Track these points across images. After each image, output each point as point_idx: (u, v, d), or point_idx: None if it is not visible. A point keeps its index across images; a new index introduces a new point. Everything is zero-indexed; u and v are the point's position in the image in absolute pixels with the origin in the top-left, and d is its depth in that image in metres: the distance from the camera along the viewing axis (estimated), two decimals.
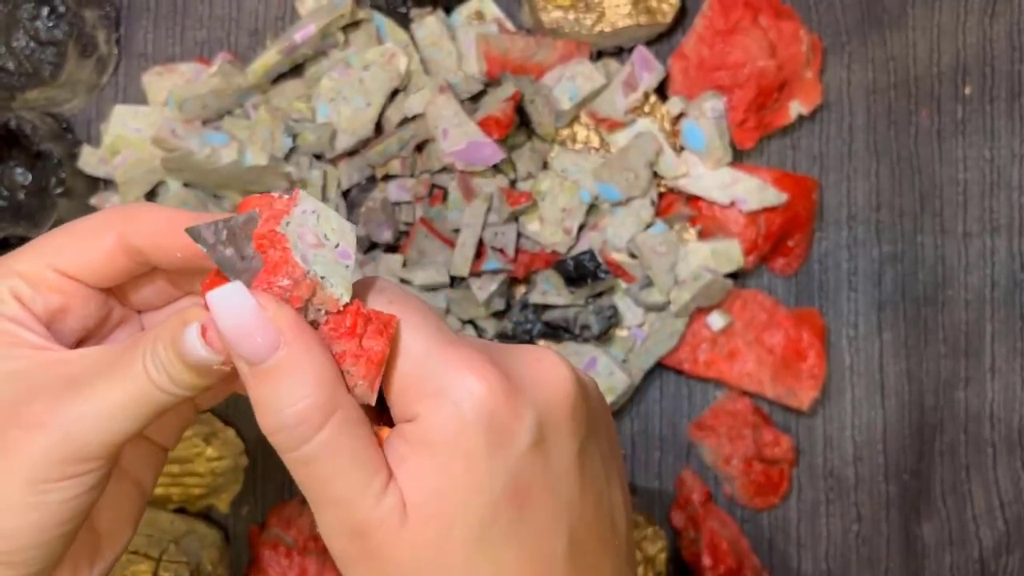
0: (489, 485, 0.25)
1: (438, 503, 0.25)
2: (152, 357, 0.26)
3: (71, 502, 0.26)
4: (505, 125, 0.48)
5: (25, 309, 0.28)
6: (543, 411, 0.26)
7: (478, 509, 0.25)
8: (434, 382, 0.26)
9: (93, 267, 0.28)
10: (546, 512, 0.26)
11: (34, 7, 0.49)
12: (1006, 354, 0.52)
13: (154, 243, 0.28)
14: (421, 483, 0.25)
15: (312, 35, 0.48)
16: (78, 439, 0.26)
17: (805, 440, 0.53)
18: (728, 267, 0.50)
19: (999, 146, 0.53)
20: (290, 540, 0.50)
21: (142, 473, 0.32)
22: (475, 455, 0.25)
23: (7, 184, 0.50)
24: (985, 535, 0.52)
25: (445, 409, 0.25)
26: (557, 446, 0.27)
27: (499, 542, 0.26)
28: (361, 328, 0.25)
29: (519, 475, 0.26)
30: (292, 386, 0.24)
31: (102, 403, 0.26)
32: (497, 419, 0.25)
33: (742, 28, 0.50)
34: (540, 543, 0.26)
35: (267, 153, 0.48)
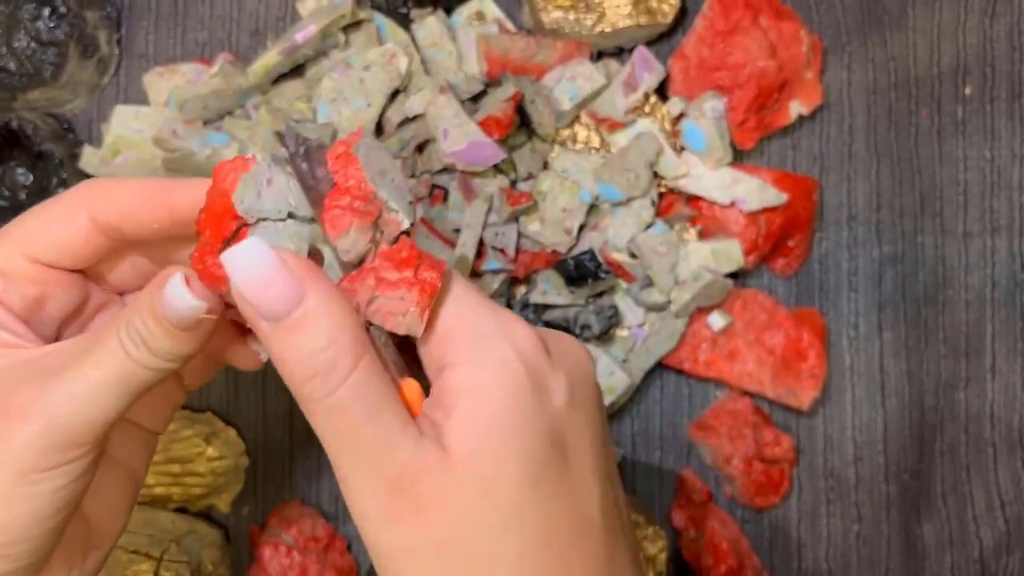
0: (536, 432, 0.25)
1: (488, 446, 0.25)
2: (128, 331, 0.26)
3: (61, 491, 0.26)
4: (505, 125, 0.48)
5: (2, 307, 0.27)
6: (573, 378, 0.27)
7: (527, 453, 0.25)
8: (480, 328, 0.26)
9: (68, 249, 0.28)
10: (583, 472, 0.27)
11: (35, 8, 0.49)
12: (1006, 354, 0.52)
13: (129, 218, 0.28)
14: (471, 428, 0.25)
15: (313, 35, 0.48)
16: (63, 424, 0.25)
17: (805, 440, 0.53)
18: (728, 267, 0.50)
19: (999, 146, 0.53)
20: (291, 540, 0.50)
21: (132, 459, 0.31)
22: (522, 396, 0.25)
23: (8, 184, 0.50)
24: (985, 535, 0.52)
25: (492, 352, 0.25)
26: (587, 409, 0.27)
27: (547, 489, 0.25)
28: (417, 260, 0.26)
29: (559, 427, 0.26)
30: (320, 332, 0.24)
31: (83, 385, 0.26)
32: (539, 370, 0.26)
33: (742, 28, 0.50)
34: (580, 502, 0.26)
35: (268, 153, 0.48)
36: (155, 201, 0.27)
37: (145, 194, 0.28)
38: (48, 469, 0.26)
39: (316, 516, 0.51)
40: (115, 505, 0.31)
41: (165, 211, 0.27)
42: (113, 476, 0.31)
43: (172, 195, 0.28)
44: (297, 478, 0.52)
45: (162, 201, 0.27)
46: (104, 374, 0.26)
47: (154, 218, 0.28)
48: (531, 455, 0.25)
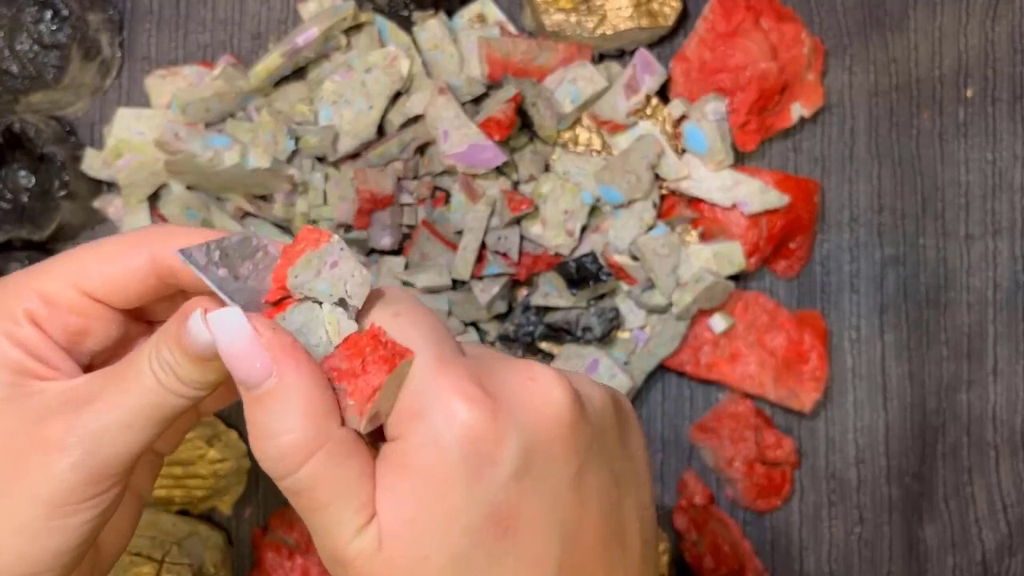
0: (466, 514, 0.25)
1: (412, 531, 0.25)
2: (157, 358, 0.26)
3: (89, 524, 0.26)
4: (506, 127, 0.48)
5: (40, 332, 0.27)
6: (531, 436, 0.25)
7: (454, 538, 0.25)
8: (419, 404, 0.25)
9: (120, 287, 0.28)
10: (534, 541, 0.26)
11: (38, 10, 0.49)
12: (1008, 356, 0.52)
13: (187, 272, 0.27)
14: (397, 510, 0.25)
15: (314, 38, 0.48)
16: (96, 456, 0.25)
17: (807, 442, 0.53)
18: (730, 269, 0.50)
19: (1001, 148, 0.53)
20: (292, 542, 0.50)
21: (139, 481, 0.32)
22: (452, 482, 0.25)
23: (10, 187, 0.50)
24: (988, 538, 0.52)
25: (425, 432, 0.25)
26: (548, 472, 0.26)
27: (479, 573, 0.25)
28: (370, 353, 0.25)
29: (501, 503, 0.25)
30: (280, 417, 0.24)
31: (117, 415, 0.26)
32: (479, 446, 0.25)
33: (743, 31, 0.50)
34: (528, 572, 0.26)
35: (270, 156, 0.48)
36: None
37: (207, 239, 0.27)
38: (80, 502, 0.26)
39: None
40: (122, 527, 0.31)
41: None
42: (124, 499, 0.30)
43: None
44: None
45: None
46: (137, 403, 0.26)
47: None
48: (457, 544, 0.25)
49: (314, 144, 0.49)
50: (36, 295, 0.27)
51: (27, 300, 0.27)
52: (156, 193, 0.51)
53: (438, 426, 0.25)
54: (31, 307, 0.27)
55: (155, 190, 0.51)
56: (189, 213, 0.50)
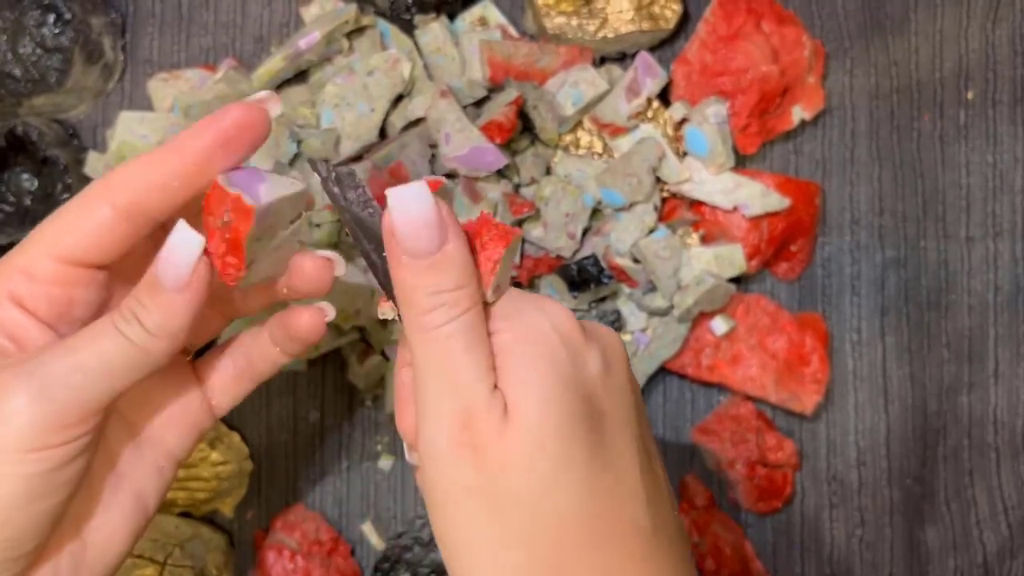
0: (575, 390, 0.27)
1: (534, 400, 0.27)
2: (121, 310, 0.27)
3: (47, 475, 0.26)
4: (508, 129, 0.48)
5: (23, 311, 0.28)
6: (606, 349, 0.29)
7: (570, 407, 0.27)
8: (513, 307, 0.28)
9: (93, 242, 0.28)
10: (621, 443, 0.28)
11: (41, 14, 0.49)
12: (1009, 358, 0.52)
13: (148, 190, 0.28)
14: (516, 384, 0.27)
15: (316, 41, 0.49)
16: (47, 400, 0.26)
17: (808, 445, 0.53)
18: (731, 272, 0.50)
19: (1002, 151, 0.53)
20: (294, 544, 0.50)
21: (144, 483, 0.31)
22: (559, 360, 0.27)
23: (14, 190, 0.51)
24: (989, 540, 0.52)
25: (528, 321, 0.28)
26: (621, 382, 0.29)
27: (589, 449, 0.27)
28: (487, 232, 0.29)
29: (595, 396, 0.28)
30: (453, 274, 0.27)
31: (67, 360, 0.26)
32: (572, 339, 0.28)
33: (745, 34, 0.50)
34: (621, 469, 0.28)
35: (272, 159, 0.49)
36: (165, 161, 0.28)
37: (153, 160, 0.28)
38: (33, 449, 0.26)
39: (320, 520, 0.51)
40: (117, 529, 0.30)
41: (177, 164, 0.28)
42: (118, 497, 0.30)
43: (180, 148, 0.28)
44: (301, 482, 0.52)
45: (171, 158, 0.28)
46: (90, 349, 0.26)
47: (171, 176, 0.28)
48: (572, 413, 0.27)
49: (316, 147, 0.49)
50: (16, 272, 0.28)
51: (7, 280, 0.28)
52: None
53: (539, 316, 0.28)
54: (12, 287, 0.28)
55: None
56: None
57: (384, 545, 0.51)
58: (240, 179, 0.28)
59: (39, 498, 0.26)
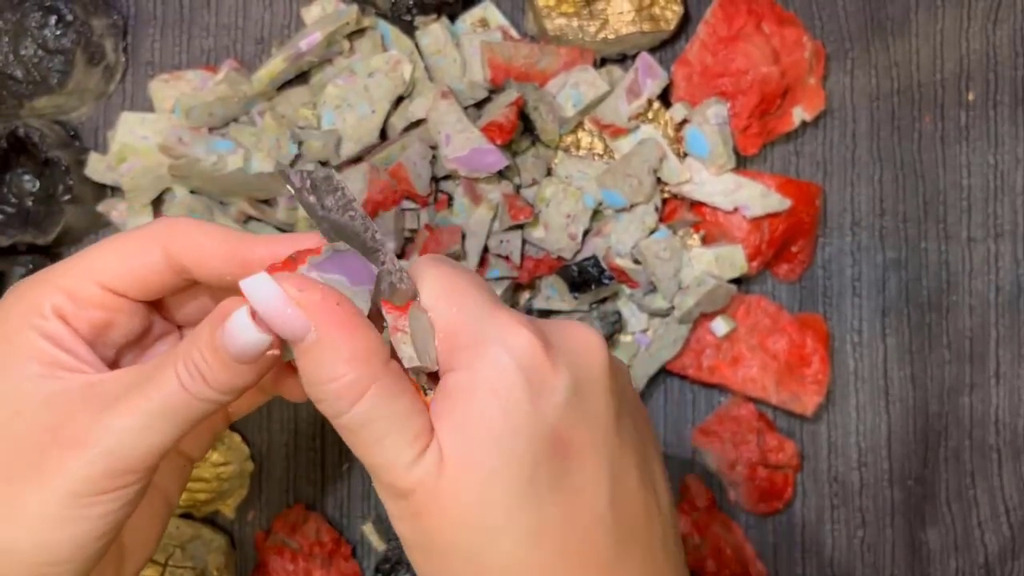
0: (530, 431, 0.26)
1: (477, 450, 0.25)
2: (185, 364, 0.26)
3: (110, 516, 0.27)
4: (508, 130, 0.48)
5: (67, 327, 0.28)
6: (579, 369, 0.27)
7: (520, 455, 0.25)
8: (477, 335, 0.26)
9: (138, 281, 0.29)
10: (588, 468, 0.27)
11: (42, 16, 0.49)
12: (1011, 359, 0.52)
13: (201, 263, 0.28)
14: (462, 435, 0.26)
15: (317, 43, 0.49)
16: (116, 454, 0.26)
17: (809, 446, 0.53)
18: (732, 273, 0.50)
19: (1003, 151, 0.53)
20: (295, 545, 0.50)
21: (168, 484, 0.32)
22: (516, 400, 0.26)
23: (15, 191, 0.51)
24: (990, 541, 0.52)
25: (487, 356, 0.26)
26: (595, 404, 0.27)
27: (543, 492, 0.26)
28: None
29: (558, 427, 0.26)
30: (325, 365, 0.25)
31: (138, 417, 0.26)
32: (536, 370, 0.26)
33: (745, 35, 0.50)
34: (585, 499, 0.27)
35: (273, 160, 0.49)
36: (231, 253, 0.28)
37: (222, 244, 0.28)
38: (99, 494, 0.26)
39: (321, 521, 0.51)
40: (149, 529, 0.31)
41: (238, 264, 0.28)
42: (150, 501, 0.31)
43: (249, 249, 0.28)
44: (302, 483, 0.52)
45: (238, 254, 0.28)
46: (159, 406, 0.26)
47: (226, 269, 0.28)
48: (523, 461, 0.25)
49: (317, 148, 0.49)
50: (60, 291, 0.28)
51: (53, 296, 0.28)
52: (160, 197, 0.51)
53: (499, 351, 0.26)
54: (57, 302, 0.28)
55: (159, 194, 0.51)
56: (193, 217, 0.50)
57: (385, 546, 0.52)
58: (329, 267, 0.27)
59: (103, 535, 0.27)
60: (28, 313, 0.28)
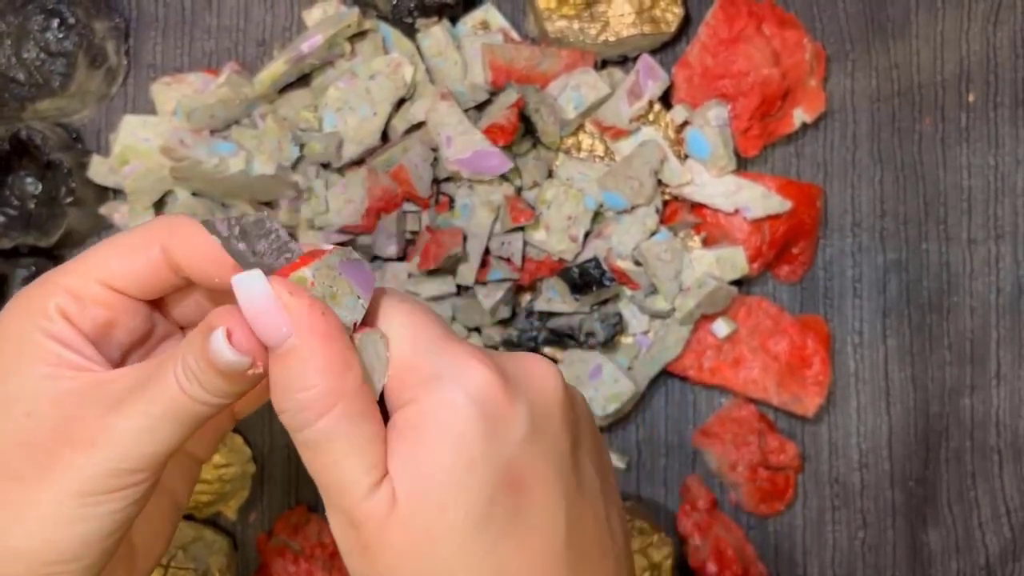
0: (484, 468, 0.25)
1: (429, 487, 0.25)
2: (183, 368, 0.27)
3: (117, 514, 0.27)
4: (509, 132, 0.48)
5: (72, 326, 0.28)
6: (535, 403, 0.27)
7: (473, 492, 0.25)
8: (430, 369, 0.26)
9: (139, 279, 0.29)
10: (544, 505, 0.26)
11: (44, 19, 0.49)
12: (1012, 361, 0.52)
13: (195, 265, 0.29)
14: (413, 468, 0.25)
15: (319, 45, 0.49)
16: (123, 455, 0.26)
17: (810, 447, 0.53)
18: (733, 274, 0.50)
19: (1003, 153, 0.53)
20: (297, 547, 0.50)
21: (177, 485, 0.32)
22: (470, 436, 0.25)
23: (17, 194, 0.51)
24: (991, 542, 0.52)
25: (440, 393, 0.26)
26: (551, 439, 0.27)
27: (497, 531, 0.25)
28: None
29: (514, 464, 0.26)
30: (298, 373, 0.25)
31: (143, 419, 0.26)
32: (491, 406, 0.26)
33: (746, 37, 0.51)
34: (540, 538, 0.26)
35: (274, 162, 0.49)
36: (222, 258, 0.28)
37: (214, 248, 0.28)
38: (107, 493, 0.27)
39: (322, 522, 0.51)
40: (158, 530, 0.32)
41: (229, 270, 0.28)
42: (158, 501, 0.32)
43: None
44: (303, 484, 0.52)
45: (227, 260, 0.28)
46: (162, 409, 0.27)
47: (217, 273, 0.28)
48: (476, 498, 0.25)
49: (319, 150, 0.49)
50: (64, 291, 0.28)
51: (56, 296, 0.28)
52: (162, 199, 0.51)
53: (454, 385, 0.26)
54: (61, 302, 0.28)
55: (161, 196, 0.51)
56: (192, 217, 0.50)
57: None
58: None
59: (111, 534, 0.27)
60: (34, 315, 0.28)
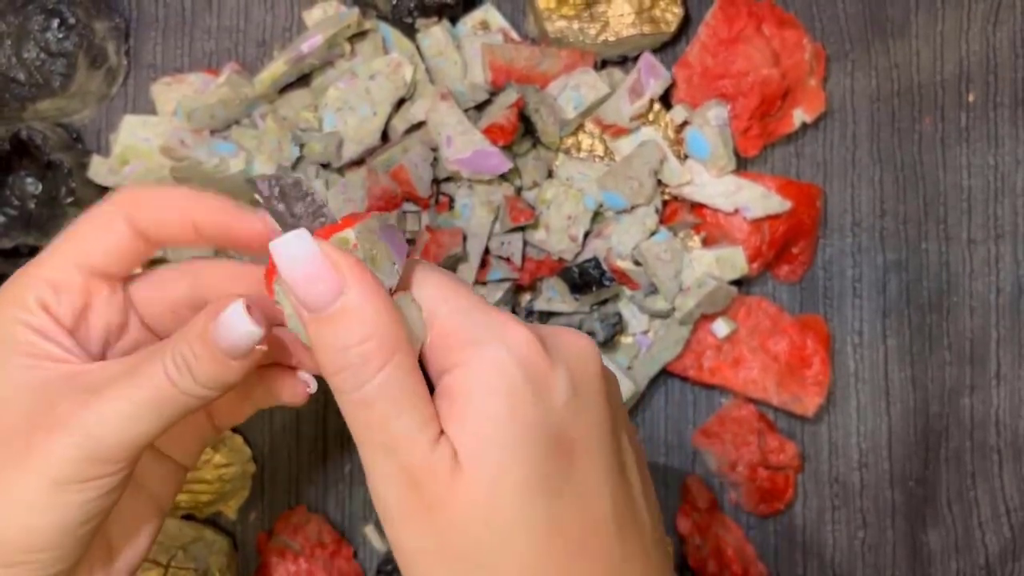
0: (537, 429, 0.25)
1: (489, 447, 0.25)
2: (173, 357, 0.27)
3: (91, 504, 0.27)
4: (509, 132, 0.48)
5: (51, 318, 0.29)
6: (575, 370, 0.27)
7: (530, 455, 0.25)
8: (470, 333, 0.26)
9: (114, 254, 0.29)
10: (591, 470, 0.27)
11: (45, 19, 0.49)
12: (1011, 361, 0.52)
13: (160, 225, 0.29)
14: (471, 431, 0.25)
15: (319, 45, 0.49)
16: (99, 440, 0.26)
17: (810, 447, 0.53)
18: (732, 274, 0.50)
19: (1003, 153, 0.53)
20: (297, 546, 0.50)
21: (159, 489, 0.32)
22: (520, 399, 0.25)
23: (18, 194, 0.51)
24: (991, 542, 0.52)
25: (486, 354, 0.26)
26: (593, 407, 0.27)
27: (552, 493, 0.26)
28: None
29: (562, 425, 0.26)
30: (355, 327, 0.25)
31: (122, 405, 0.26)
32: (535, 368, 0.26)
33: (745, 37, 0.51)
34: (589, 501, 0.26)
35: (274, 162, 0.49)
36: (183, 211, 0.29)
37: (175, 203, 0.29)
38: (81, 481, 0.26)
39: (323, 522, 0.51)
40: (138, 533, 0.32)
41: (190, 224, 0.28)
42: (139, 504, 0.32)
43: (198, 210, 0.29)
44: (304, 484, 0.52)
45: (188, 213, 0.29)
46: (144, 397, 0.27)
47: (180, 229, 0.29)
48: (533, 457, 0.25)
49: (319, 151, 0.49)
50: (42, 282, 0.29)
51: (35, 288, 0.29)
52: None
53: (498, 348, 0.26)
54: (39, 294, 0.28)
55: None
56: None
57: (387, 547, 0.52)
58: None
59: (83, 523, 0.27)
60: (14, 308, 0.28)
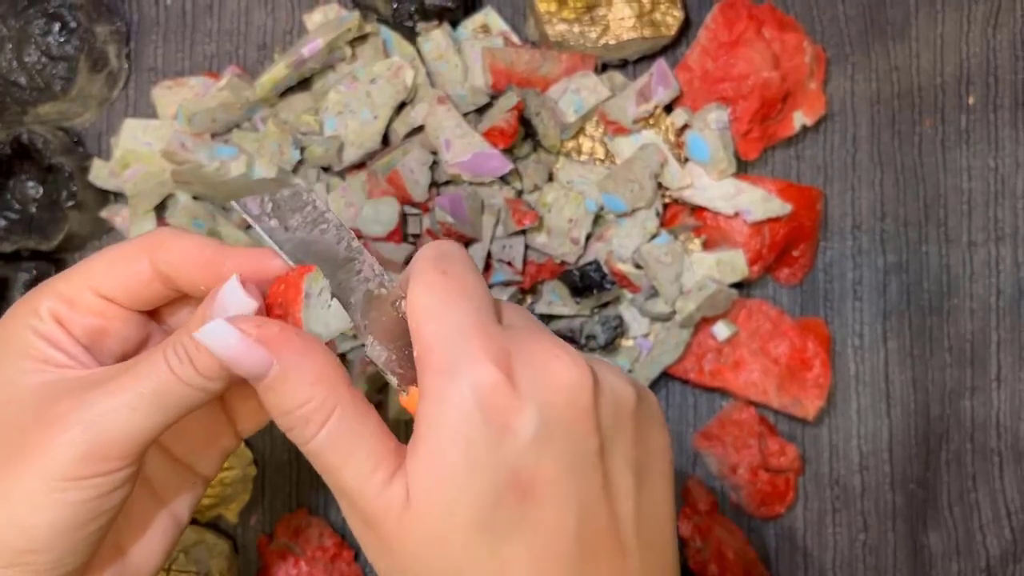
0: (489, 472, 0.26)
1: (438, 487, 0.26)
2: (175, 347, 0.27)
3: (91, 503, 0.27)
4: (509, 135, 0.48)
5: (62, 328, 0.29)
6: (550, 404, 0.27)
7: (479, 497, 0.26)
8: (446, 359, 0.27)
9: (128, 289, 0.29)
10: (552, 509, 0.27)
11: (46, 22, 0.49)
12: (1012, 363, 0.52)
13: (181, 272, 0.29)
14: (423, 468, 0.26)
15: (320, 49, 0.49)
16: (98, 434, 0.26)
17: (811, 449, 0.53)
18: (733, 277, 0.50)
19: (1003, 155, 0.53)
20: (298, 549, 0.50)
21: (176, 501, 0.32)
22: (476, 444, 0.26)
23: (19, 197, 0.51)
24: (992, 544, 0.52)
25: (452, 390, 0.26)
26: (567, 439, 0.27)
27: (502, 533, 0.26)
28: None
29: (521, 468, 0.26)
30: (289, 394, 0.26)
31: (123, 397, 0.27)
32: (497, 411, 0.26)
33: (746, 40, 0.51)
34: (546, 540, 0.27)
35: (275, 166, 0.49)
36: (208, 262, 0.29)
37: (200, 253, 0.29)
38: (80, 478, 0.26)
39: (323, 526, 0.51)
40: (154, 544, 0.32)
41: (213, 275, 0.29)
42: (156, 515, 0.32)
43: (220, 261, 0.29)
44: (304, 488, 0.52)
45: (213, 265, 0.29)
46: (145, 389, 0.27)
47: (202, 279, 0.29)
48: (482, 499, 0.26)
49: (319, 154, 0.49)
50: (57, 296, 0.29)
51: (49, 300, 0.29)
52: (163, 203, 0.52)
53: (463, 387, 0.26)
54: (52, 305, 0.29)
55: (162, 200, 0.51)
56: (195, 223, 0.50)
57: None
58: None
59: (83, 524, 0.27)
60: (26, 315, 0.29)
